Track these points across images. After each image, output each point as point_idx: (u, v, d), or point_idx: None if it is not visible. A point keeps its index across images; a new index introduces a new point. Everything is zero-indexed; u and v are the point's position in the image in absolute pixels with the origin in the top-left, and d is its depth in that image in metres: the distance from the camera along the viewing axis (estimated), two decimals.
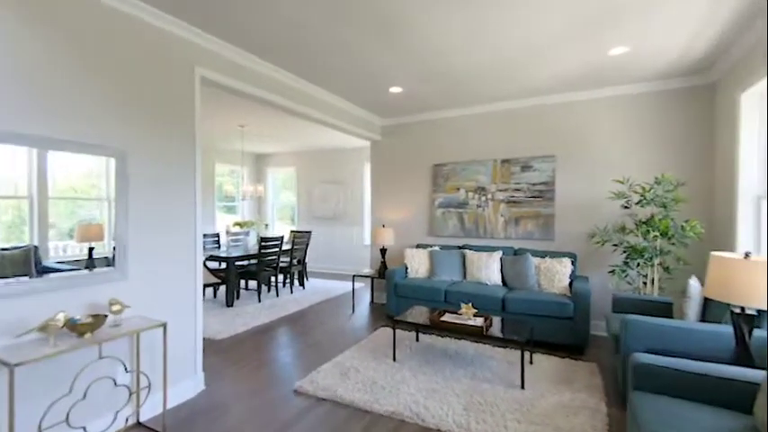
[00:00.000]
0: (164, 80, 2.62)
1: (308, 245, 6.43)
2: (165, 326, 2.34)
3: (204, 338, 3.94)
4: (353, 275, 5.08)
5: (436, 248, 4.68)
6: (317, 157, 8.24)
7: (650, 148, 3.98)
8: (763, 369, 1.82)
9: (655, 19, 2.67)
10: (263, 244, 5.36)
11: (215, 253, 5.50)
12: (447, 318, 3.35)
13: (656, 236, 3.47)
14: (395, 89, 4.08)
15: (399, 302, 4.42)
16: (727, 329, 2.25)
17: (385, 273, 4.77)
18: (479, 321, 3.24)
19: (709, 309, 2.63)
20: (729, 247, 3.26)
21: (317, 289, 6.32)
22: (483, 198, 4.78)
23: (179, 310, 2.75)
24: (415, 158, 5.31)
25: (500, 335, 3.01)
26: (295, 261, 6.21)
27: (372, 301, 5.53)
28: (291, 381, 3.03)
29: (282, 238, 5.70)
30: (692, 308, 2.71)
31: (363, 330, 4.27)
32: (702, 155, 3.77)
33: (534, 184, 4.51)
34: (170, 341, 2.68)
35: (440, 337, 3.95)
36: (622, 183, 3.77)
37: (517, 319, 3.38)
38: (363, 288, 6.42)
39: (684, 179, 3.78)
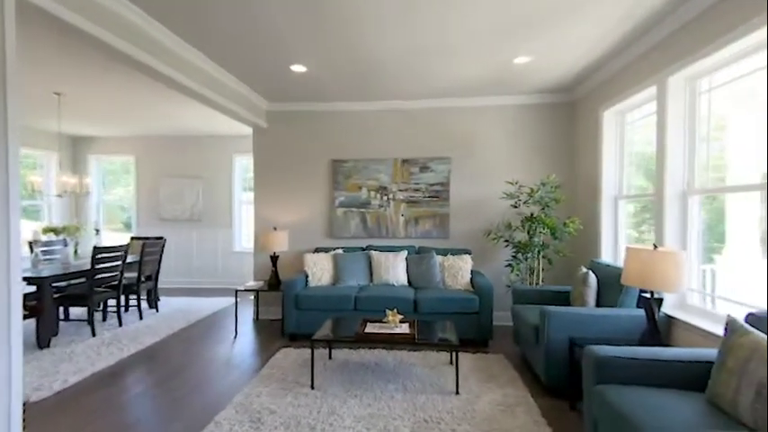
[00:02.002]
0: None
1: (161, 255, 5.09)
2: None
3: None
4: (236, 290, 4.17)
5: (340, 251, 4.25)
6: (167, 145, 6.67)
7: (530, 154, 4.48)
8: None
9: (560, 35, 2.91)
10: (99, 256, 3.93)
11: None
12: (372, 328, 3.00)
13: (542, 232, 3.88)
14: (298, 67, 3.49)
15: (301, 316, 3.82)
16: (637, 312, 2.57)
17: (280, 284, 4.08)
18: (407, 328, 3.00)
19: (603, 295, 3.02)
20: (595, 240, 3.87)
21: (175, 310, 5.04)
22: (385, 198, 4.60)
23: None
24: (312, 152, 4.75)
25: (427, 339, 2.86)
26: (143, 277, 4.82)
27: (257, 319, 4.70)
28: None
29: (127, 247, 4.33)
30: (591, 295, 3.07)
31: (257, 356, 3.52)
32: (567, 161, 4.43)
33: (432, 185, 4.56)
34: None
35: (353, 350, 3.55)
36: (513, 184, 4.11)
37: (435, 320, 3.28)
38: (240, 303, 5.41)
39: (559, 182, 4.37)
